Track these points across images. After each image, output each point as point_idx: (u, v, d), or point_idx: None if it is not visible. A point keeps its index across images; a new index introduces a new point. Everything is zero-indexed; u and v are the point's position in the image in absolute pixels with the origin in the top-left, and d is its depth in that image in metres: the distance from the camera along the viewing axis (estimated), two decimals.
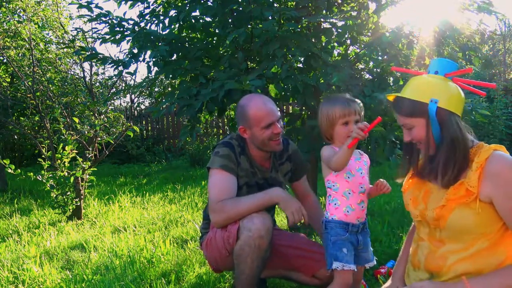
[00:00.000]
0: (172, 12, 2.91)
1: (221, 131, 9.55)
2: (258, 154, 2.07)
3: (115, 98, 9.55)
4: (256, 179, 2.09)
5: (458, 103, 1.41)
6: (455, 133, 1.37)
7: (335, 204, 1.71)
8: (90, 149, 4.28)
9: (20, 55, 5.84)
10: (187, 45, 2.87)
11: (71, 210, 4.05)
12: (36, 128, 6.97)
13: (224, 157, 1.97)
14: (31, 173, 3.85)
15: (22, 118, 7.07)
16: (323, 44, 2.90)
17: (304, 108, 3.18)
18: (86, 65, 5.36)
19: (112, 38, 2.82)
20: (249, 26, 2.71)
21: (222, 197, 1.89)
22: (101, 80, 7.58)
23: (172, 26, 2.90)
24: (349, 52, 3.35)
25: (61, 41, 6.21)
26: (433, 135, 1.40)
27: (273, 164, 2.15)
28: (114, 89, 7.38)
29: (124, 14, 5.81)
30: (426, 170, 1.49)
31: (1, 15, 6.36)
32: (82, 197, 4.17)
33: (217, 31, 2.91)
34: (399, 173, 1.61)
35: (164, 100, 3.03)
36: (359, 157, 1.80)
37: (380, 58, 2.78)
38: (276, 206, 2.03)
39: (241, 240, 1.80)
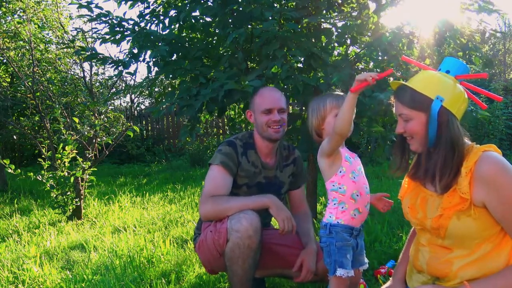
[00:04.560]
0: (172, 12, 2.91)
1: (221, 131, 9.54)
2: (263, 145, 2.10)
3: (115, 98, 9.57)
4: (259, 179, 2.10)
5: (461, 107, 1.38)
6: (455, 137, 1.34)
7: (342, 207, 1.64)
8: (90, 149, 4.28)
9: (20, 55, 5.85)
10: (187, 45, 2.87)
11: (71, 210, 4.05)
12: (36, 128, 6.97)
13: (225, 155, 2.02)
14: (31, 173, 3.85)
15: (22, 118, 7.08)
16: (323, 44, 2.90)
17: (304, 108, 3.18)
18: (86, 65, 5.36)
19: (112, 38, 2.81)
20: (249, 26, 2.71)
21: (216, 192, 1.94)
22: (101, 80, 7.59)
23: (172, 26, 2.90)
24: (349, 52, 3.35)
25: (61, 41, 6.21)
26: (428, 133, 1.37)
27: (278, 163, 2.17)
28: (114, 89, 7.40)
29: (124, 14, 5.81)
30: (420, 172, 1.46)
31: (1, 15, 6.36)
32: (82, 197, 4.18)
33: (217, 31, 2.91)
34: (391, 169, 1.57)
35: (164, 100, 3.02)
36: (356, 155, 1.76)
37: (380, 58, 2.77)
38: None
39: (231, 242, 1.81)
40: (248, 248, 1.80)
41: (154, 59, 2.76)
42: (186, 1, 2.79)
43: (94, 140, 4.34)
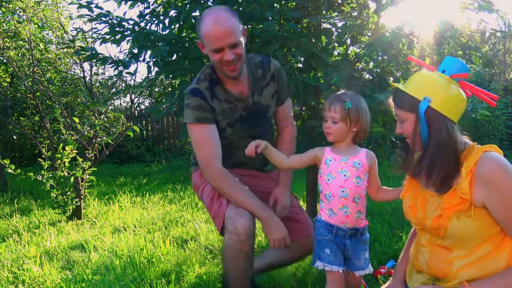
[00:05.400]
0: (172, 12, 2.92)
1: None
2: (226, 79, 1.89)
3: (115, 98, 9.56)
4: (239, 113, 1.95)
5: (454, 107, 1.35)
6: (442, 138, 1.32)
7: (321, 205, 1.74)
8: (90, 149, 4.28)
9: (20, 55, 5.85)
10: (187, 45, 2.87)
11: (71, 210, 4.05)
12: (36, 128, 6.98)
13: (196, 109, 1.86)
14: (31, 173, 3.84)
15: (22, 118, 7.08)
16: (323, 44, 2.90)
17: (304, 108, 3.18)
18: (86, 65, 5.37)
19: (112, 38, 2.81)
20: (249, 26, 2.71)
21: (214, 153, 1.85)
22: (101, 80, 7.60)
23: (172, 26, 2.90)
24: (349, 52, 3.35)
25: (61, 41, 6.21)
26: (420, 134, 1.37)
27: (253, 88, 1.97)
28: (114, 89, 7.40)
29: (124, 14, 5.82)
30: (416, 170, 1.46)
31: (1, 15, 6.36)
32: (82, 197, 4.17)
33: None
34: (394, 167, 1.58)
35: (164, 100, 3.03)
36: (346, 158, 1.71)
37: (380, 58, 2.77)
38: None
39: (225, 241, 1.82)
40: (239, 251, 1.79)
41: (154, 59, 2.76)
42: (186, 1, 2.79)
43: (94, 140, 4.34)
